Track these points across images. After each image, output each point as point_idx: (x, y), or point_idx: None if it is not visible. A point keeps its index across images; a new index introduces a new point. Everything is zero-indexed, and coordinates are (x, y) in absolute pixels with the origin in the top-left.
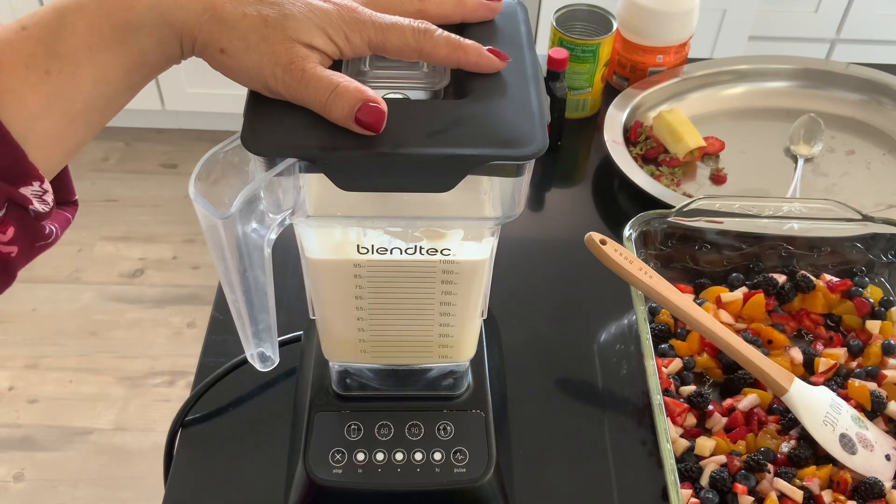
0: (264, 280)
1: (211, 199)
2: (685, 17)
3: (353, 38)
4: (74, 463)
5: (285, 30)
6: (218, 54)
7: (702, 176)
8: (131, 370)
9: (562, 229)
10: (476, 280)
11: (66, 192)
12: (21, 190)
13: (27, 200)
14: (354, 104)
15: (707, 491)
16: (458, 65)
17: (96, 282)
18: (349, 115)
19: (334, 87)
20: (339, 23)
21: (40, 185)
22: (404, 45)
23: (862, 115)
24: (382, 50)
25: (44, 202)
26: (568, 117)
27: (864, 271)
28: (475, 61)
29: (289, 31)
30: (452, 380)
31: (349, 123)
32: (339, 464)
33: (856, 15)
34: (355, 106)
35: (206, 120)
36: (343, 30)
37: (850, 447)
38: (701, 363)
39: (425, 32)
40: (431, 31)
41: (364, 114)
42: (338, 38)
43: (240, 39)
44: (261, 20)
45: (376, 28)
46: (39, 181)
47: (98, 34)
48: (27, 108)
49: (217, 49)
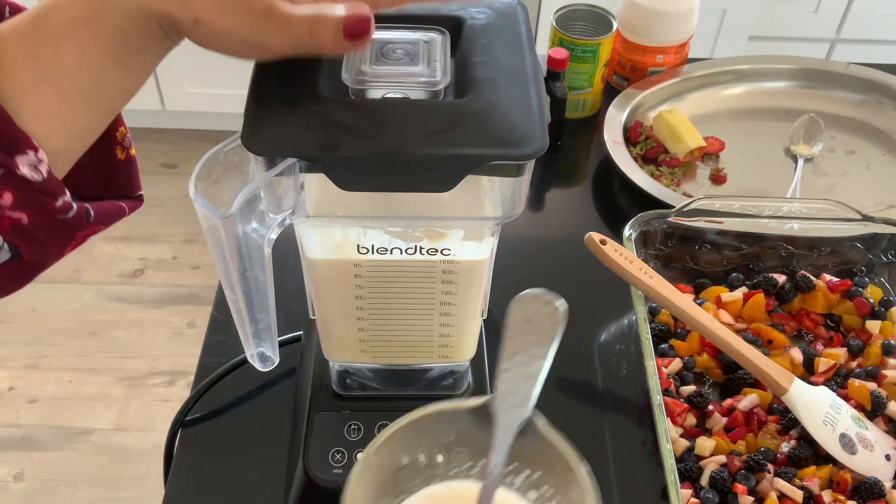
0: (264, 280)
1: (211, 199)
2: (685, 17)
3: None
4: (74, 463)
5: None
6: (194, 26)
7: (702, 176)
8: (131, 370)
9: (562, 229)
10: (476, 280)
11: (130, 187)
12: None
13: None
14: (338, 21)
15: (707, 491)
16: None
17: (96, 282)
18: (337, 34)
19: (314, 15)
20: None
21: (35, 154)
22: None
23: (862, 115)
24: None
25: (36, 171)
26: (568, 117)
27: (864, 271)
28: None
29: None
30: (452, 380)
31: (341, 43)
32: (339, 464)
33: (856, 15)
34: (340, 23)
35: (206, 120)
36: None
37: (850, 447)
38: (701, 363)
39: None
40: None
41: (350, 26)
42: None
43: (212, 4)
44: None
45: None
46: (34, 150)
47: (76, 10)
48: (18, 82)
49: (192, 20)
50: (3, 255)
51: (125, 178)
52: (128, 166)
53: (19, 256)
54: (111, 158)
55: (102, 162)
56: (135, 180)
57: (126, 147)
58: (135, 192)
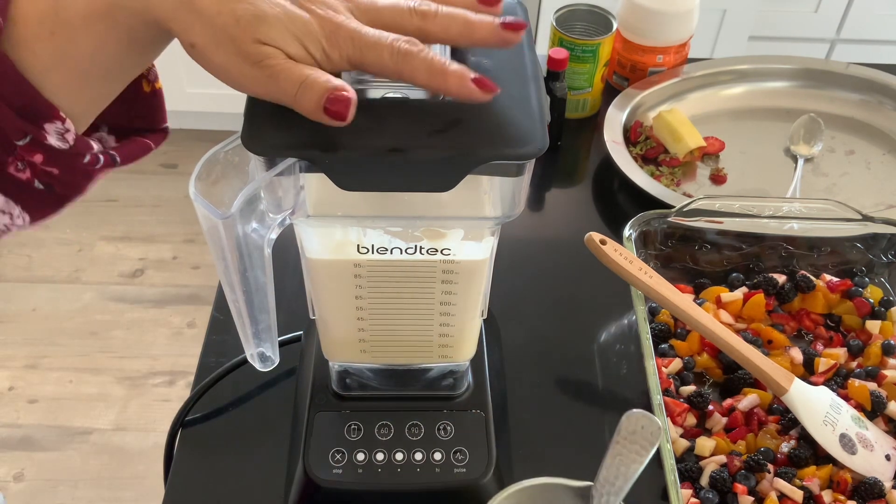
0: (264, 280)
1: (211, 199)
2: (685, 17)
3: (332, 52)
4: (74, 463)
5: (256, 32)
6: (189, 48)
7: (702, 176)
8: (131, 370)
9: (562, 229)
10: (476, 280)
11: (156, 119)
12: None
13: (42, 135)
14: (322, 94)
15: (707, 491)
16: (439, 91)
17: (96, 282)
18: (318, 106)
19: (303, 79)
20: (318, 36)
21: (62, 123)
22: (382, 65)
23: (862, 115)
24: (361, 67)
25: (63, 140)
26: (568, 117)
27: (864, 271)
28: (455, 91)
29: (259, 34)
30: (452, 380)
31: (319, 114)
32: (339, 464)
33: (856, 15)
34: (323, 96)
35: (206, 120)
36: (321, 43)
37: (850, 447)
38: (701, 363)
39: (406, 55)
40: (413, 54)
41: (331, 103)
42: (315, 51)
43: (210, 36)
44: (233, 19)
45: (355, 44)
46: (60, 121)
47: (90, 6)
48: (39, 61)
49: (188, 43)
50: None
51: (151, 111)
52: (154, 98)
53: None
54: (138, 91)
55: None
56: (161, 112)
57: (151, 81)
58: (160, 125)
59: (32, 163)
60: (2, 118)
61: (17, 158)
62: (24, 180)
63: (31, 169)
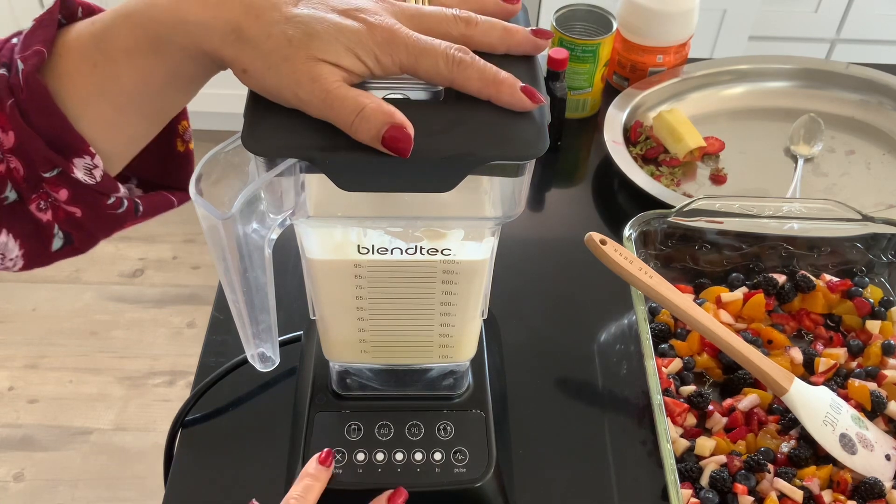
0: (264, 280)
1: (211, 199)
2: (685, 17)
3: (384, 59)
4: (74, 463)
5: (309, 49)
6: (241, 74)
7: (702, 176)
8: (131, 370)
9: (562, 229)
10: (476, 280)
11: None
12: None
13: (70, 167)
14: (381, 127)
15: (707, 491)
16: (490, 99)
17: (96, 282)
18: (376, 137)
19: (360, 109)
20: (370, 43)
21: (91, 159)
22: (436, 72)
23: (862, 115)
24: (414, 73)
25: (90, 175)
26: (568, 117)
27: (864, 271)
28: (507, 100)
29: (312, 51)
30: (452, 380)
31: (376, 145)
32: (339, 464)
33: (856, 15)
34: (382, 129)
35: (206, 120)
36: (374, 51)
37: (850, 447)
38: (701, 363)
39: (460, 63)
40: (466, 62)
41: (391, 137)
42: (368, 59)
43: (262, 60)
44: (285, 40)
45: (409, 51)
46: (90, 156)
47: (135, 41)
48: (79, 92)
49: (240, 69)
50: (57, 242)
51: (180, 170)
52: (185, 158)
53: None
54: (171, 149)
55: (163, 152)
56: (189, 173)
57: (186, 141)
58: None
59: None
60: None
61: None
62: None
63: (52, 211)
